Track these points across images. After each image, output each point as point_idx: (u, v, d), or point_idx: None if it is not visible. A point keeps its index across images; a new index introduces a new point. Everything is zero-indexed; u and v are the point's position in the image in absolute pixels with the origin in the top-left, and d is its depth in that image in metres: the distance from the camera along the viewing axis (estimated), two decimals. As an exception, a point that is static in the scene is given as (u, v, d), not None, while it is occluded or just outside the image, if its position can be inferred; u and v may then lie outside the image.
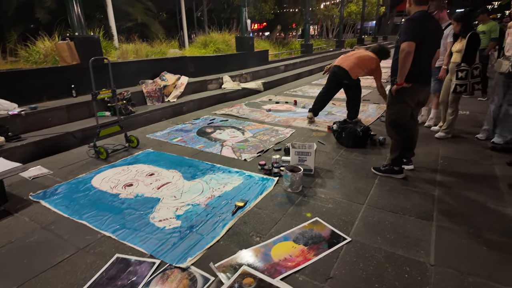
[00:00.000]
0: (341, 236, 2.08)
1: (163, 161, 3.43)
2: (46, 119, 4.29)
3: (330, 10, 21.23)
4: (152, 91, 5.76)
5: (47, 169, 3.24)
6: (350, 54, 4.35)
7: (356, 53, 4.32)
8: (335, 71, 4.29)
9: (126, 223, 2.28)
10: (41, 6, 9.30)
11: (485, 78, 6.25)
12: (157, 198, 2.63)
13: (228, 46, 9.98)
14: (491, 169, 3.08)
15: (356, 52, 4.38)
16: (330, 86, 4.49)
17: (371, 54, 4.25)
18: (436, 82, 4.11)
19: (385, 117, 2.98)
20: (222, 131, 4.46)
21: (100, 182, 2.95)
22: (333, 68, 4.36)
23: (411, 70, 2.54)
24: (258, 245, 2.01)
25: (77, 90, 4.95)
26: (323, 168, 3.18)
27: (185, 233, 2.14)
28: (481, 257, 1.89)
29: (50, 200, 2.63)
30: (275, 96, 7.06)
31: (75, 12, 5.09)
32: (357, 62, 4.16)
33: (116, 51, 6.93)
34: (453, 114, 3.84)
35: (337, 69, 4.25)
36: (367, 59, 4.20)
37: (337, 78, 4.31)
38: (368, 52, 4.32)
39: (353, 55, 4.29)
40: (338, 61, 4.31)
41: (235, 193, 2.70)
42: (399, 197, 2.58)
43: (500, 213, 2.34)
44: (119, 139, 4.10)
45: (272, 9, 15.28)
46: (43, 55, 5.59)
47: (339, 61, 4.30)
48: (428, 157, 3.39)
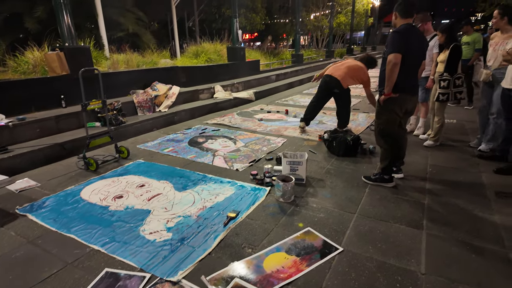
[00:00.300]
0: (333, 246, 2.09)
1: (154, 172, 3.40)
2: (34, 130, 4.21)
3: (319, 21, 21.61)
4: (143, 101, 5.73)
5: (34, 182, 3.17)
6: (340, 64, 4.43)
7: (346, 63, 4.40)
8: (327, 81, 4.36)
9: (116, 236, 2.24)
10: (31, 16, 9.22)
11: (471, 87, 6.43)
12: (148, 210, 2.60)
13: (220, 56, 10.04)
14: (478, 177, 3.14)
15: (346, 61, 4.47)
16: (321, 95, 4.56)
17: (360, 63, 4.35)
18: (423, 91, 4.22)
19: (374, 126, 3.03)
20: (214, 141, 4.45)
21: (89, 194, 2.90)
22: (324, 78, 4.43)
23: (398, 80, 2.60)
24: (250, 256, 2.00)
25: (66, 101, 4.89)
26: (315, 177, 3.20)
27: (176, 246, 2.11)
28: (470, 265, 1.92)
29: (38, 214, 2.57)
30: (266, 105, 7.11)
31: (65, 22, 5.07)
32: (348, 72, 4.25)
33: (107, 61, 6.90)
34: (439, 122, 3.94)
35: (329, 79, 4.32)
36: (357, 68, 4.29)
37: (329, 88, 4.38)
38: (357, 61, 4.42)
39: (343, 64, 4.37)
40: (330, 71, 4.38)
41: (227, 203, 2.68)
42: (389, 206, 2.61)
43: (488, 221, 2.38)
44: (109, 150, 4.05)
45: (263, 20, 15.49)
46: (32, 65, 5.53)
47: (331, 71, 4.37)
48: (417, 165, 3.44)
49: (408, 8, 2.63)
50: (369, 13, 26.41)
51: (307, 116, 4.75)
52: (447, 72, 3.71)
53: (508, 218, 2.41)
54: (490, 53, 3.55)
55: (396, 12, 2.68)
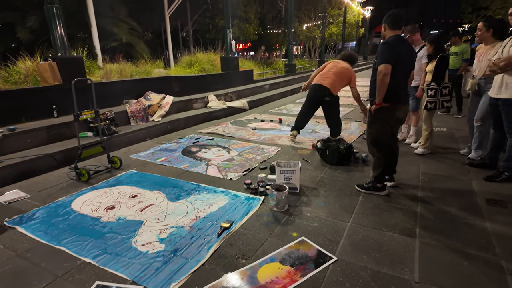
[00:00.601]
0: (327, 256, 2.08)
1: (147, 182, 3.37)
2: (25, 140, 4.16)
3: (312, 32, 21.99)
4: (136, 110, 5.72)
5: (24, 193, 3.12)
6: (326, 71, 4.42)
7: (331, 69, 4.39)
8: (316, 89, 4.38)
9: (108, 248, 2.20)
10: (23, 26, 9.21)
11: (460, 96, 6.57)
12: (140, 221, 2.57)
13: (214, 66, 10.11)
14: (469, 185, 3.19)
15: (330, 66, 4.44)
16: (311, 104, 4.57)
17: (344, 64, 4.41)
18: (414, 100, 4.30)
19: (367, 135, 3.07)
20: (207, 150, 4.44)
21: (80, 205, 2.85)
22: (313, 87, 4.45)
23: (389, 90, 2.65)
24: (244, 267, 1.98)
25: (58, 111, 4.86)
26: (309, 186, 3.21)
27: (169, 257, 2.08)
28: (463, 272, 1.93)
29: (27, 226, 2.52)
30: (260, 114, 7.15)
31: (58, 32, 5.07)
32: (336, 78, 4.31)
33: (100, 71, 6.88)
34: (428, 130, 4.04)
35: (318, 87, 4.35)
36: (343, 71, 4.35)
37: (319, 96, 4.40)
38: (340, 63, 4.44)
39: (329, 71, 4.38)
40: (317, 80, 4.40)
41: (221, 213, 2.67)
42: (382, 214, 2.62)
43: (479, 228, 2.41)
44: (101, 160, 4.02)
45: (256, 30, 15.69)
46: (23, 75, 5.49)
47: (318, 80, 4.38)
48: (409, 173, 3.48)
49: (397, 21, 2.71)
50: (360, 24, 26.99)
51: (298, 125, 4.77)
52: (434, 82, 3.83)
53: (498, 225, 2.44)
54: (476, 63, 3.67)
55: (385, 24, 2.76)
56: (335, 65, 4.44)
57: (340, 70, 4.35)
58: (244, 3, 14.39)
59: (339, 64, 4.45)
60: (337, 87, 4.34)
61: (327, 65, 4.51)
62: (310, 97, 4.54)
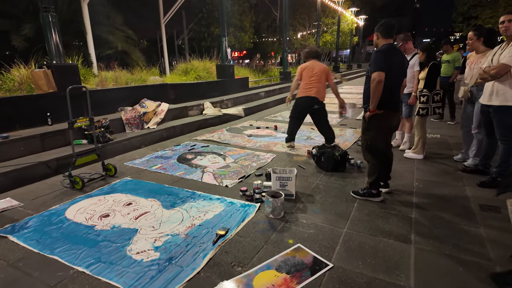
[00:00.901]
0: (323, 263, 2.08)
1: (142, 189, 3.35)
2: (18, 148, 4.12)
3: (306, 40, 22.24)
4: (132, 118, 5.70)
5: (17, 201, 3.08)
6: (307, 81, 4.42)
7: (311, 77, 4.40)
8: (305, 101, 4.44)
9: (102, 257, 2.17)
10: (18, 33, 9.20)
11: (452, 103, 6.67)
12: (135, 229, 2.54)
13: (209, 74, 10.15)
14: (463, 190, 3.22)
15: (308, 74, 4.43)
16: (301, 115, 4.61)
17: (316, 64, 4.45)
18: (407, 107, 4.36)
19: (361, 142, 3.09)
20: (203, 157, 4.44)
21: (74, 214, 2.82)
22: (300, 100, 4.49)
23: (382, 97, 2.69)
24: (240, 275, 1.97)
25: (52, 118, 4.83)
26: (304, 192, 3.21)
27: (163, 266, 2.06)
28: (458, 278, 1.94)
29: (19, 235, 2.48)
30: (256, 121, 7.18)
31: (54, 40, 5.06)
32: (319, 85, 4.39)
33: (95, 79, 6.87)
34: (419, 135, 4.13)
35: (305, 99, 4.42)
36: (321, 74, 4.41)
37: (308, 106, 4.47)
38: (314, 66, 4.43)
39: (311, 79, 4.40)
40: (303, 92, 4.43)
41: (217, 221, 2.66)
42: (378, 221, 2.63)
43: (473, 234, 2.42)
44: (96, 167, 3.99)
45: (251, 39, 15.84)
46: (18, 82, 5.46)
47: (304, 92, 4.41)
48: (403, 179, 3.51)
49: (389, 30, 2.78)
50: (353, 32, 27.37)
51: (292, 136, 4.79)
52: (426, 89, 3.93)
53: (492, 230, 2.46)
54: (467, 71, 3.74)
55: (378, 33, 2.81)
56: (311, 71, 4.43)
57: (318, 75, 4.40)
58: (239, 11, 14.56)
59: (313, 68, 4.44)
60: (322, 93, 4.42)
61: (303, 73, 4.48)
62: (299, 108, 4.58)
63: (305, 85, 4.45)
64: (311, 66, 4.47)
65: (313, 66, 4.46)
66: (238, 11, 14.51)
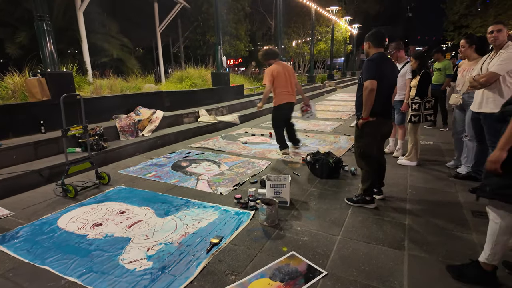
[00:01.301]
0: (317, 270, 2.07)
1: (135, 198, 3.33)
2: (10, 156, 4.07)
3: (301, 48, 22.50)
4: (126, 125, 5.69)
5: (8, 210, 3.04)
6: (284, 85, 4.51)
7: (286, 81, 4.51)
8: (289, 107, 4.66)
9: (94, 266, 2.15)
10: (13, 41, 9.19)
11: (445, 110, 6.76)
12: (128, 238, 2.52)
13: (204, 81, 10.19)
14: (455, 197, 3.25)
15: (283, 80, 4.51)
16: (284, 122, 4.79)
17: (282, 67, 4.56)
18: (399, 114, 4.42)
19: (354, 149, 3.12)
20: (197, 165, 4.43)
21: (66, 223, 2.79)
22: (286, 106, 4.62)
23: (374, 105, 2.73)
24: (234, 284, 1.95)
25: (46, 127, 4.79)
26: (299, 199, 3.22)
27: (156, 275, 2.04)
28: (452, 285, 1.94)
29: (10, 245, 2.44)
30: (251, 128, 7.19)
31: (48, 48, 5.06)
32: (293, 88, 4.60)
33: (90, 86, 6.87)
34: (412, 142, 4.17)
35: (289, 105, 4.63)
36: (291, 77, 4.58)
37: (289, 112, 4.73)
38: (280, 70, 4.50)
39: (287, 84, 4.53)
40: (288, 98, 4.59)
41: (211, 229, 2.64)
42: (371, 227, 2.64)
43: (466, 240, 2.44)
44: (89, 176, 3.96)
45: (247, 47, 16.00)
46: (11, 90, 5.43)
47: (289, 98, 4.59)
48: (397, 186, 3.53)
49: (380, 39, 2.85)
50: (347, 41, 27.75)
51: (284, 144, 4.83)
52: (418, 96, 4.00)
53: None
54: (459, 78, 3.81)
55: (369, 42, 2.87)
56: (283, 76, 4.51)
57: (289, 78, 4.55)
58: (234, 20, 14.73)
59: (285, 71, 4.53)
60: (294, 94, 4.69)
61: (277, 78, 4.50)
62: (283, 116, 4.75)
63: (288, 92, 4.58)
64: (281, 70, 4.53)
65: (283, 69, 4.54)
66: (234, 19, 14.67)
